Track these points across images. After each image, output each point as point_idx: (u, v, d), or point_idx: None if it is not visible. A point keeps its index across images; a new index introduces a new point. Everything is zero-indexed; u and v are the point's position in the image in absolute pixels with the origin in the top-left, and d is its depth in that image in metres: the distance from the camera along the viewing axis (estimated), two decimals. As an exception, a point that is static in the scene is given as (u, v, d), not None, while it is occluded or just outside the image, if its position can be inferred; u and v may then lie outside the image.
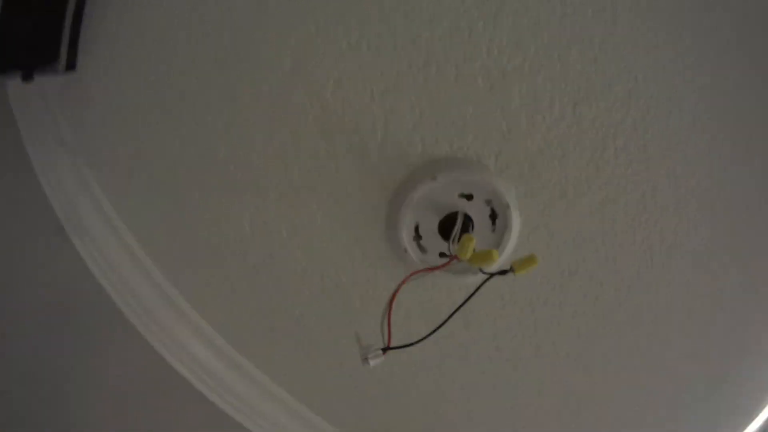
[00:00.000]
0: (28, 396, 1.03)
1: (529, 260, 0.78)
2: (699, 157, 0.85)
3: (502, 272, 0.76)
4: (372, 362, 0.74)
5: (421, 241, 0.92)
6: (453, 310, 0.79)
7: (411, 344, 0.75)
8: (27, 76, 0.70)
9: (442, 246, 0.91)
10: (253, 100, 0.86)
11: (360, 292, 1.01)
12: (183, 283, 1.02)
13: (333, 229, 0.93)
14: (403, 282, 0.80)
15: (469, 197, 0.90)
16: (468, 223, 0.91)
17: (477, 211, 0.91)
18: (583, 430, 1.13)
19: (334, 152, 0.87)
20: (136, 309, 0.99)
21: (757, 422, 1.20)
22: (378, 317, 0.93)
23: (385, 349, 0.76)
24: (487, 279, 0.78)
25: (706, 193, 0.87)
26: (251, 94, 0.85)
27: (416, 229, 0.89)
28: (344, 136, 0.85)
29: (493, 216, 0.93)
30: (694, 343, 1.07)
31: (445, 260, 0.86)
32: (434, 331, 0.78)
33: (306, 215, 0.91)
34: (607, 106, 0.85)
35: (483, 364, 1.09)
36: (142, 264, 0.96)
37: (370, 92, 0.84)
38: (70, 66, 0.73)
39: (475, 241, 0.78)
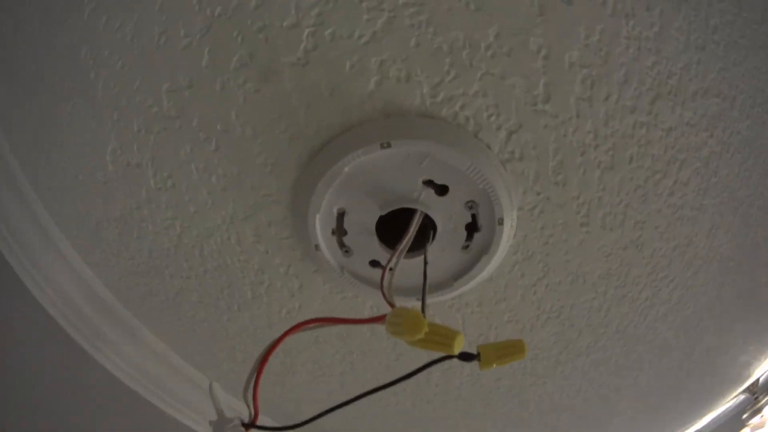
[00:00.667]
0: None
1: (509, 350, 0.41)
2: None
3: (464, 357, 0.40)
4: None
5: (345, 238, 0.55)
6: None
7: (286, 428, 0.42)
8: None
9: (379, 253, 0.55)
10: None
11: (251, 282, 0.67)
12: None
13: (211, 183, 0.56)
14: (282, 338, 0.43)
15: (442, 189, 0.51)
16: (427, 230, 0.54)
17: (447, 214, 0.53)
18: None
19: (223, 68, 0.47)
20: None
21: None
22: (277, 317, 0.68)
23: (248, 426, 0.42)
24: (437, 361, 0.41)
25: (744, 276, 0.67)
26: None
27: (339, 217, 0.54)
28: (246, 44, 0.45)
29: (473, 227, 0.55)
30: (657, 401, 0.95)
31: (372, 287, 0.56)
32: (330, 410, 0.43)
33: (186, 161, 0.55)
34: (692, 119, 0.51)
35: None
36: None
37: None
38: None
39: (425, 322, 0.38)
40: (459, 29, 0.39)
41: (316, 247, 0.48)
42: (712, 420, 1.68)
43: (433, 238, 0.48)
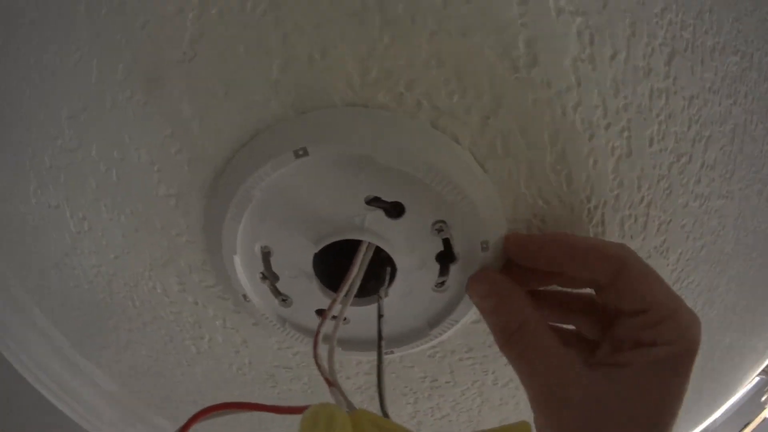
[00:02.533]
0: None
1: None
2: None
3: None
4: None
5: (280, 283, 0.36)
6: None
7: None
8: None
9: (323, 300, 0.35)
10: None
11: (192, 336, 0.48)
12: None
13: (122, 222, 0.39)
14: (193, 421, 0.22)
15: (394, 209, 0.31)
16: (381, 267, 0.34)
17: (408, 244, 0.32)
18: None
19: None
20: None
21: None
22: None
23: None
24: None
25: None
26: None
27: (265, 257, 0.34)
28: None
29: (446, 257, 0.33)
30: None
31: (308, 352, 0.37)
32: None
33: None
34: (714, 83, 0.34)
35: None
36: None
37: None
38: None
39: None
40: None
41: (245, 297, 0.35)
42: (729, 406, 1.46)
43: (392, 278, 0.28)
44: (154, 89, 0.29)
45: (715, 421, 1.41)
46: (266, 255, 0.31)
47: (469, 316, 0.35)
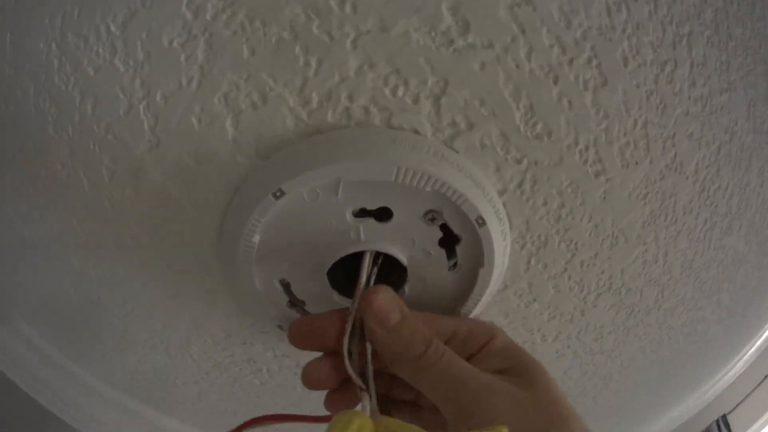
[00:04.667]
0: None
1: None
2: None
3: None
4: None
5: (307, 306, 0.32)
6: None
7: None
8: None
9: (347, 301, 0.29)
10: None
11: (251, 371, 0.47)
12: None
13: (158, 296, 0.39)
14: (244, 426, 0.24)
15: (382, 214, 0.28)
16: (389, 267, 0.30)
17: (407, 240, 0.28)
18: None
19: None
20: None
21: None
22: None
23: None
24: None
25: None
26: None
27: (286, 288, 0.31)
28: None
29: (449, 240, 0.29)
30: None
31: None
32: None
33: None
34: None
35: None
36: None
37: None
38: None
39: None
40: (292, 4, 0.16)
41: (280, 327, 0.35)
42: None
43: (406, 275, 0.24)
44: (140, 180, 0.27)
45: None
46: (286, 286, 0.30)
47: (492, 287, 0.31)
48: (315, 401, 0.56)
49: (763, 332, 1.17)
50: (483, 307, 0.35)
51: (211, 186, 0.29)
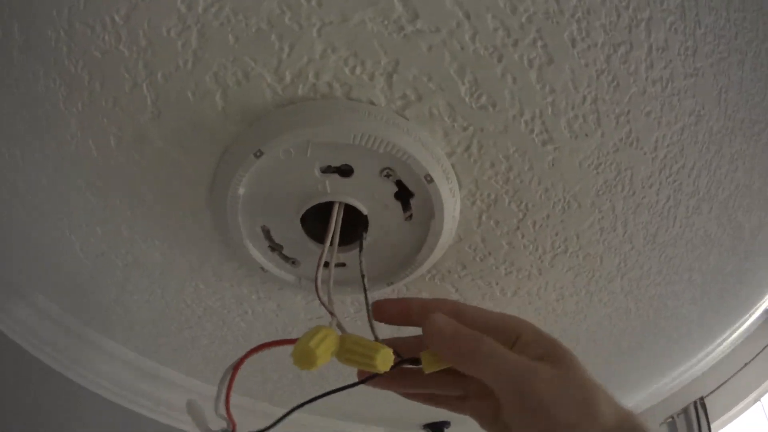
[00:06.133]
0: None
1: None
2: None
3: (410, 362, 0.29)
4: None
5: (285, 250, 0.44)
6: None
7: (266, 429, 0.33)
8: None
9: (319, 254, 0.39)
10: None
11: (238, 314, 0.56)
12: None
13: (158, 245, 0.49)
14: (245, 357, 0.32)
15: (344, 171, 0.37)
16: (355, 214, 0.40)
17: (367, 193, 0.39)
18: None
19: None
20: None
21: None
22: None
23: None
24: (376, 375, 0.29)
25: None
26: None
27: (267, 234, 0.42)
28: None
29: (404, 195, 0.39)
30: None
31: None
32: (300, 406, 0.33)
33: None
34: None
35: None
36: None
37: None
38: None
39: (317, 355, 0.26)
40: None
41: (262, 269, 0.45)
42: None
43: (367, 224, 0.32)
44: (144, 144, 0.36)
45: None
46: (267, 232, 0.39)
47: (445, 238, 0.39)
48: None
49: (744, 320, 1.21)
50: (439, 256, 0.43)
51: (205, 148, 0.39)
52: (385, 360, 0.28)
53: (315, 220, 0.41)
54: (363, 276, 0.36)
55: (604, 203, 0.49)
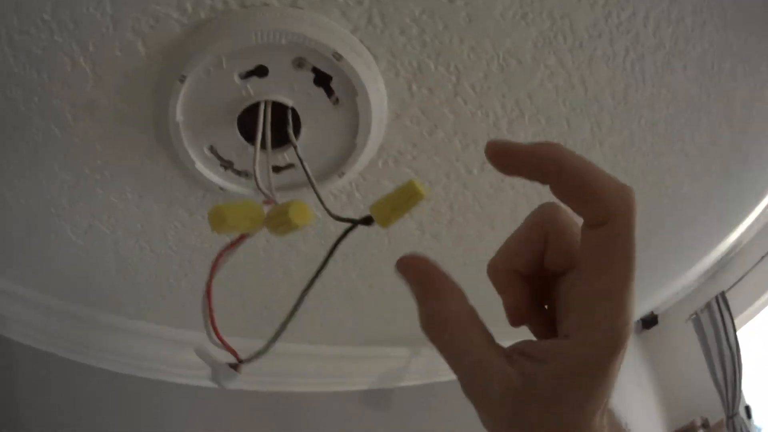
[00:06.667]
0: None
1: (402, 198, 0.24)
2: None
3: (362, 222, 0.27)
4: (228, 385, 0.39)
5: (235, 165, 0.47)
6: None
7: (262, 352, 0.36)
8: None
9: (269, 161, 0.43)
10: None
11: (217, 241, 0.52)
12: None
13: (131, 199, 0.53)
14: (213, 269, 0.38)
15: (260, 71, 0.40)
16: (282, 113, 0.42)
17: (288, 87, 0.41)
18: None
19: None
20: None
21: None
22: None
23: (236, 365, 0.38)
24: (340, 240, 0.28)
25: None
26: None
27: (215, 153, 0.46)
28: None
29: (323, 80, 0.41)
30: None
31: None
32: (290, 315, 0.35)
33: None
34: None
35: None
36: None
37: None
38: None
39: (226, 215, 0.30)
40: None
41: (221, 188, 0.49)
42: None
43: (297, 116, 0.35)
44: (94, 109, 0.42)
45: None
46: (215, 151, 0.42)
47: (378, 114, 0.40)
48: (279, 261, 0.67)
49: (755, 207, 1.13)
50: (382, 136, 0.44)
51: (141, 92, 0.44)
52: (298, 214, 0.30)
53: (253, 130, 0.45)
54: (295, 147, 0.40)
55: (548, 57, 0.48)
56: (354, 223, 0.28)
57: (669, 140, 0.73)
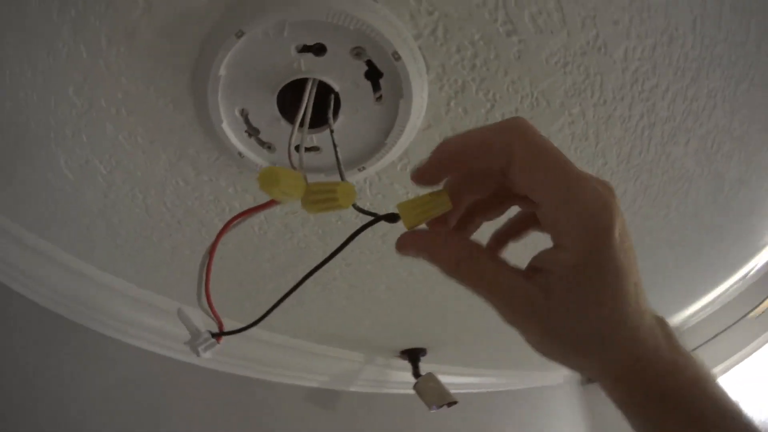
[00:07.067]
0: None
1: (431, 204, 0.26)
2: None
3: (388, 219, 0.28)
4: (204, 354, 0.40)
5: (262, 135, 0.47)
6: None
7: (251, 325, 0.38)
8: None
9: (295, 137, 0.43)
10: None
11: (216, 213, 0.60)
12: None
13: (140, 143, 0.51)
14: (225, 229, 0.38)
15: (318, 49, 0.41)
16: (328, 95, 0.43)
17: (339, 71, 0.43)
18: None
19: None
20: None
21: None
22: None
23: (217, 335, 0.40)
24: (366, 227, 0.29)
25: None
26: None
27: (245, 118, 0.46)
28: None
29: (374, 74, 0.43)
30: None
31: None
32: (283, 299, 0.38)
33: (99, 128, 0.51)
34: None
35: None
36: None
37: None
38: None
39: (280, 175, 0.29)
40: None
41: (240, 154, 0.44)
42: (759, 268, 1.38)
43: (338, 102, 0.36)
44: (134, 39, 0.43)
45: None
46: (245, 116, 0.42)
47: (414, 121, 0.42)
48: (272, 242, 0.67)
49: (723, 285, 1.23)
50: (409, 141, 0.46)
51: (189, 35, 0.44)
52: (346, 194, 0.31)
53: (291, 105, 0.45)
54: (332, 131, 0.41)
55: (573, 106, 0.53)
56: (378, 218, 0.29)
57: (657, 205, 0.80)
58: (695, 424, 0.21)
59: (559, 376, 1.92)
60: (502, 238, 0.27)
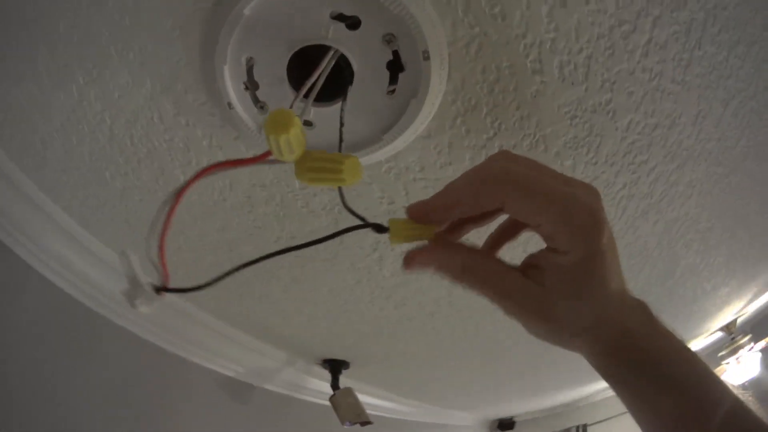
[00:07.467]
0: None
1: (419, 231, 0.27)
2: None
3: (376, 228, 0.28)
4: (141, 307, 0.33)
5: (259, 92, 0.44)
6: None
7: (198, 288, 0.32)
8: None
9: (295, 105, 0.40)
10: None
11: (180, 164, 0.55)
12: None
13: (130, 60, 0.47)
14: (201, 174, 0.32)
15: (353, 23, 0.39)
16: (343, 70, 0.42)
17: (364, 51, 0.41)
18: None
19: None
20: None
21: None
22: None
23: (159, 290, 0.33)
24: (350, 229, 0.28)
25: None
26: None
27: (249, 69, 0.43)
28: None
29: (396, 66, 0.41)
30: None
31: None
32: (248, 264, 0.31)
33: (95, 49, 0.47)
34: None
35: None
36: None
37: None
38: None
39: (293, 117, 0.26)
40: None
41: (229, 105, 0.46)
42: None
43: (351, 82, 0.34)
44: None
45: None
46: (250, 66, 0.39)
47: (417, 124, 0.41)
48: (228, 212, 0.62)
49: None
50: (404, 144, 0.45)
51: None
52: (352, 170, 0.27)
53: (299, 71, 0.43)
54: (342, 110, 0.39)
55: (567, 158, 0.55)
56: (367, 224, 0.28)
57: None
58: (674, 386, 0.25)
59: (469, 418, 1.95)
60: (499, 240, 0.30)
